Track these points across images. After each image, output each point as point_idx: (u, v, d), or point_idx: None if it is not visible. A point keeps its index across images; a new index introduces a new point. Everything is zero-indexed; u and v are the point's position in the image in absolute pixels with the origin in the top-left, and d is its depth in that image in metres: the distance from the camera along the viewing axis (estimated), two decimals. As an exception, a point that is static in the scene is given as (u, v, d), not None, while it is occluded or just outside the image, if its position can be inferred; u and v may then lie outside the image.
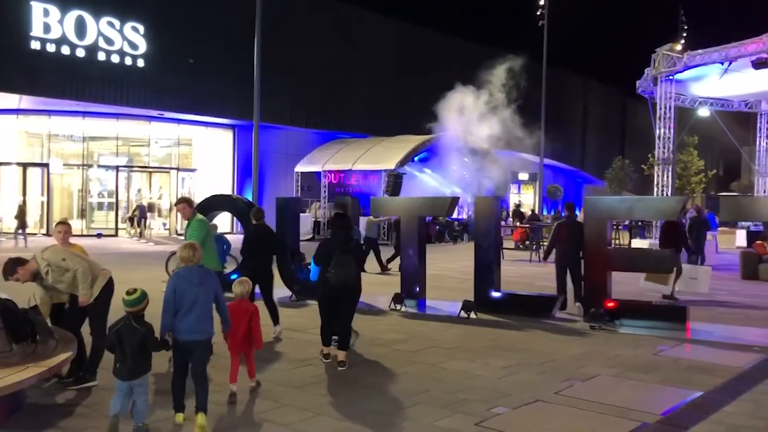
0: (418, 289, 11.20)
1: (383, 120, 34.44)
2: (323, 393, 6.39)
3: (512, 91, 24.92)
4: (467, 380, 6.80)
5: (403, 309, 10.82)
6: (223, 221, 25.65)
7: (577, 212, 13.13)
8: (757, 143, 29.70)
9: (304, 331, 9.06)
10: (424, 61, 36.94)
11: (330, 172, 29.94)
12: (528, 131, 27.81)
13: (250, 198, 21.89)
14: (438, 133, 27.52)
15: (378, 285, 13.77)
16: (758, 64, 19.70)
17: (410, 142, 29.05)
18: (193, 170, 30.65)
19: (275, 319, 8.87)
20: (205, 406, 5.27)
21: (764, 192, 29.82)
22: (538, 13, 34.44)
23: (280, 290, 12.05)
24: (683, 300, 11.72)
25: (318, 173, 30.14)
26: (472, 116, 25.13)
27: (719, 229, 22.46)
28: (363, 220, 17.50)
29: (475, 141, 28.16)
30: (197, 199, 17.40)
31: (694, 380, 6.90)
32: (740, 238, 25.92)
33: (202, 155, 30.84)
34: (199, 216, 8.19)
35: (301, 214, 14.21)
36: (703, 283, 12.51)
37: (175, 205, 8.50)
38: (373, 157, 28.76)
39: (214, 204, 13.04)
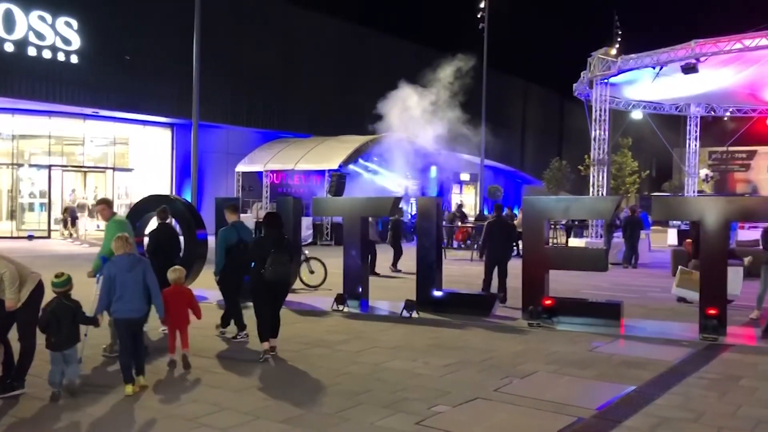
0: (360, 289, 11.20)
1: (326, 120, 34.28)
2: (263, 395, 6.31)
3: (454, 92, 25.18)
4: (408, 379, 6.83)
5: (346, 310, 10.81)
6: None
7: (516, 212, 13.47)
8: (687, 145, 30.85)
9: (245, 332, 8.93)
10: (368, 62, 36.96)
11: (272, 171, 29.59)
12: (469, 132, 28.11)
13: (189, 198, 21.46)
14: (381, 134, 27.57)
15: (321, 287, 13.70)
16: (687, 69, 20.44)
17: (353, 142, 29.01)
18: (129, 170, 29.84)
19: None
20: (143, 370, 6.43)
21: (693, 192, 31.02)
22: (479, 15, 34.92)
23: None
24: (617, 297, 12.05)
25: (260, 173, 29.75)
26: (415, 117, 25.27)
27: (652, 228, 23.25)
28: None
29: (417, 142, 28.34)
30: (134, 199, 16.93)
31: (627, 375, 7.11)
32: (672, 236, 26.89)
33: (139, 154, 30.04)
34: (117, 217, 8.03)
35: (242, 215, 13.95)
36: (734, 284, 11.87)
37: (95, 206, 8.42)
38: (316, 156, 28.60)
39: (150, 205, 12.69)
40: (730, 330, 9.10)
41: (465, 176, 44.15)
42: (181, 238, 10.65)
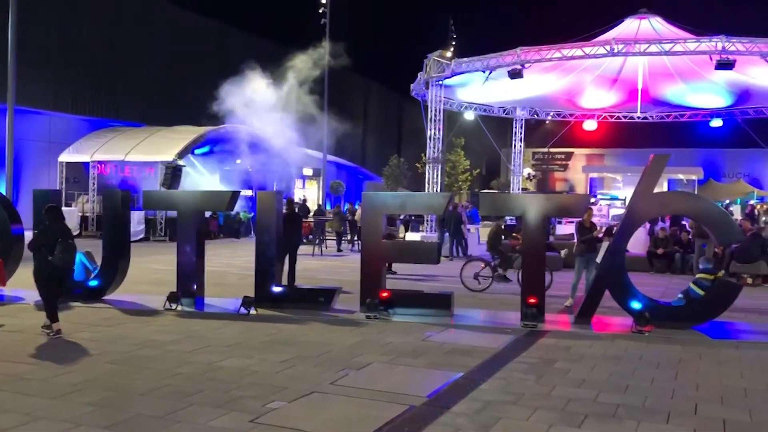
0: (195, 286, 10.84)
1: (160, 109, 32.71)
2: (86, 401, 5.89)
3: (296, 87, 25.07)
4: (243, 377, 6.71)
5: (180, 308, 10.40)
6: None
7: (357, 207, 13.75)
8: (513, 145, 33.06)
9: (67, 334, 8.31)
10: (205, 52, 35.73)
11: (100, 162, 27.67)
12: (312, 128, 28.11)
13: (3, 191, 19.55)
14: (220, 126, 26.80)
15: (151, 284, 13.09)
16: (513, 75, 21.92)
17: (190, 133, 27.88)
18: (-70, 158, 26.61)
19: None
20: None
21: (518, 189, 33.30)
22: (321, 11, 35.01)
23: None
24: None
25: (86, 164, 27.71)
26: (256, 110, 24.86)
27: (481, 222, 24.63)
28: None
29: (258, 135, 27.89)
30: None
31: (456, 362, 7.48)
32: (499, 231, 28.58)
33: (-58, 141, 26.88)
34: None
35: (67, 209, 12.94)
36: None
37: None
38: (149, 147, 27.15)
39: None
40: (547, 317, 9.87)
41: (308, 171, 44.12)
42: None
